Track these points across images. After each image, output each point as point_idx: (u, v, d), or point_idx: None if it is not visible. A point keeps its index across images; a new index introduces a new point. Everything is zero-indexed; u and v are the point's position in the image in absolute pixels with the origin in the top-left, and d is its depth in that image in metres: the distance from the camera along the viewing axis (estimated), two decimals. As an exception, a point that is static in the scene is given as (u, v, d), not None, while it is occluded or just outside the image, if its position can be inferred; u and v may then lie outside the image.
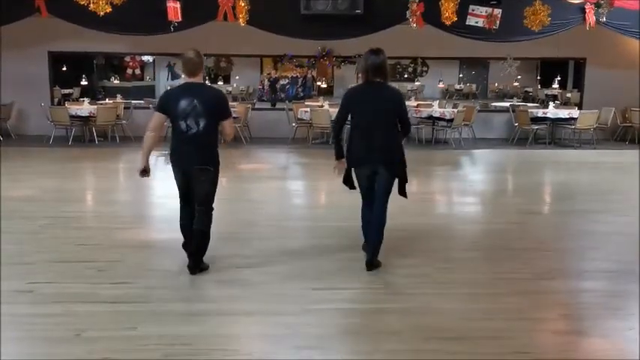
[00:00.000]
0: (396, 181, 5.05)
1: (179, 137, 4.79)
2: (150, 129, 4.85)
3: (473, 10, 11.68)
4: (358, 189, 5.17)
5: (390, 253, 5.37)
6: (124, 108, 14.09)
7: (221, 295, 4.58)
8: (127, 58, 24.65)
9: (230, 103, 5.55)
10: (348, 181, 5.21)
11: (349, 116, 5.05)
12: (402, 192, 5.11)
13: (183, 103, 4.70)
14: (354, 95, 5.07)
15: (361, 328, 4.05)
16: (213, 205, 4.94)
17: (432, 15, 11.05)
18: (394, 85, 22.44)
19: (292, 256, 5.45)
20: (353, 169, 5.09)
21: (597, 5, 10.76)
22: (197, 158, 4.80)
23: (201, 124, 4.72)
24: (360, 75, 5.10)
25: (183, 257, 5.07)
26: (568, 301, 4.66)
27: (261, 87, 22.53)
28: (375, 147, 4.90)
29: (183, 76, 4.98)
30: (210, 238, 4.98)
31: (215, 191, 4.94)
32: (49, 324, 3.98)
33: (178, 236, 5.11)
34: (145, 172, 4.91)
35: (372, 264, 5.04)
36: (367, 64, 4.90)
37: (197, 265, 4.93)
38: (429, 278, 4.96)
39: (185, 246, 5.05)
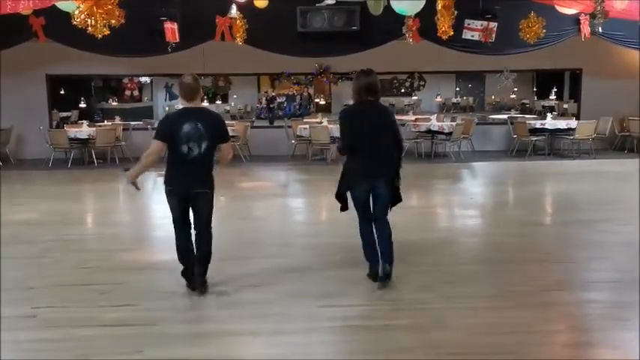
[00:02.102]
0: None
1: (178, 161, 4.74)
2: (150, 154, 4.78)
3: (468, 24, 11.73)
4: (353, 207, 5.09)
5: (395, 268, 5.33)
6: (123, 129, 14.11)
7: (227, 316, 4.54)
8: (125, 80, 24.76)
9: (229, 122, 5.56)
10: (341, 199, 5.13)
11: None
12: (396, 201, 5.11)
13: (187, 127, 4.68)
14: (350, 115, 5.09)
15: (370, 345, 4.00)
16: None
17: (428, 30, 11.09)
18: (391, 100, 22.27)
19: (297, 274, 5.41)
20: (352, 187, 5.01)
21: (592, 16, 10.79)
22: (196, 182, 4.80)
23: (203, 147, 4.72)
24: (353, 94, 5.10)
25: (186, 278, 5.04)
26: (576, 312, 4.63)
27: (259, 105, 22.61)
28: (374, 163, 4.91)
29: (179, 98, 4.97)
30: (214, 259, 4.98)
31: (212, 212, 4.95)
32: (53, 349, 3.94)
33: (180, 257, 5.08)
34: (135, 186, 4.93)
35: (389, 275, 5.00)
36: (360, 85, 4.95)
37: (204, 283, 4.92)
38: (435, 293, 4.92)
39: (185, 273, 5.01)
